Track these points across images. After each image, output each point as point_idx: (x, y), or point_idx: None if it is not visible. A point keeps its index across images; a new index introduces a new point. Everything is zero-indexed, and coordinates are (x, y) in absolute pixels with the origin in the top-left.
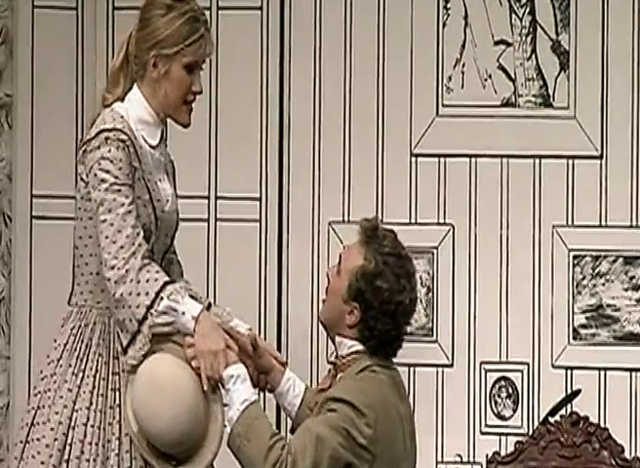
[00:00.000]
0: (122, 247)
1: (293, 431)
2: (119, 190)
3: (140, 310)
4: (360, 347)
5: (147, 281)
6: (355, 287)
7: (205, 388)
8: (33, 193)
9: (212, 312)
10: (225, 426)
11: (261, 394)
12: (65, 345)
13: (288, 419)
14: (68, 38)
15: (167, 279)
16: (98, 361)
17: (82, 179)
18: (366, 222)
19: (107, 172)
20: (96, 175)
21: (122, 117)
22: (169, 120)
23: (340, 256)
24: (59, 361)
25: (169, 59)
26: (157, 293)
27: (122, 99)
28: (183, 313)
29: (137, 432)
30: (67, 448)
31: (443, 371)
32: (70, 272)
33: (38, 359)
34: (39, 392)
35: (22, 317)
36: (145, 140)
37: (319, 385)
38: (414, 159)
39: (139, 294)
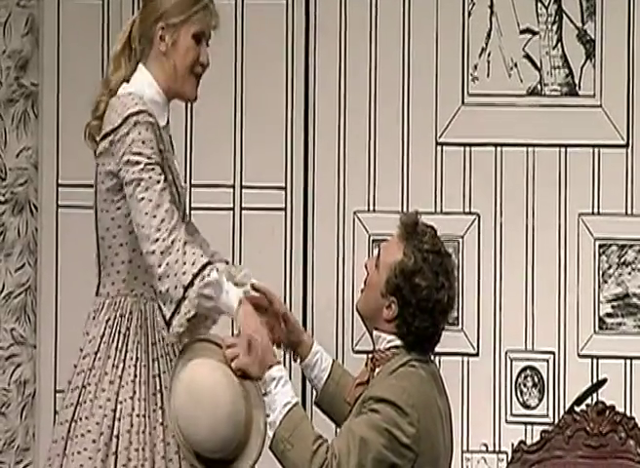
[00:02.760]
0: (163, 220)
1: (317, 404)
2: (153, 169)
3: (187, 277)
4: (398, 342)
5: (194, 254)
6: (393, 282)
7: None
8: (59, 182)
9: (228, 270)
10: (267, 430)
11: (287, 365)
12: (102, 337)
13: (313, 390)
14: (94, 27)
15: (209, 259)
16: (137, 349)
17: (111, 172)
18: (406, 217)
19: (140, 154)
20: (129, 160)
21: (141, 98)
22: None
23: (379, 249)
24: (96, 354)
25: (176, 29)
26: (204, 265)
27: (127, 81)
28: (227, 292)
29: (182, 438)
30: (114, 440)
31: (468, 361)
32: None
33: (64, 348)
34: (77, 387)
35: (48, 306)
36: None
37: (357, 378)
38: (439, 148)
39: (184, 263)
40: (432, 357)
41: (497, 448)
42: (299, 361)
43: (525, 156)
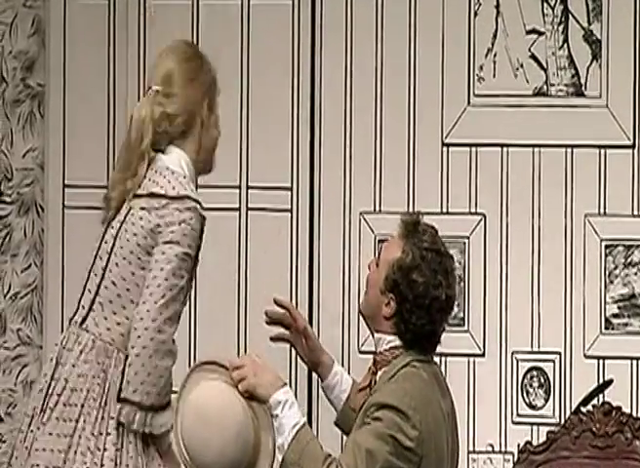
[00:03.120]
0: (169, 319)
1: (337, 424)
2: (186, 260)
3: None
4: (398, 342)
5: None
6: (391, 278)
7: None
8: (65, 183)
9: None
10: (276, 453)
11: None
12: (94, 378)
13: (320, 406)
14: (100, 28)
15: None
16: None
17: (151, 231)
18: (407, 216)
19: (185, 235)
20: (172, 240)
21: (191, 182)
22: None
23: (381, 248)
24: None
25: (214, 103)
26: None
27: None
28: None
29: (189, 461)
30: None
31: (475, 361)
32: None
33: None
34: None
35: (54, 306)
36: None
37: (360, 383)
38: (445, 148)
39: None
40: (436, 358)
41: (503, 449)
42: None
43: (531, 156)
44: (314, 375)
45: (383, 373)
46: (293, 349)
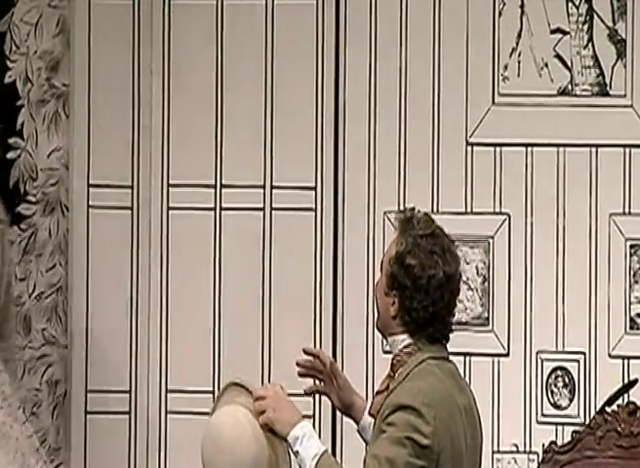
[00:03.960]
0: None
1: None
2: None
3: None
4: (409, 340)
5: None
6: (390, 273)
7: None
8: (90, 182)
9: None
10: None
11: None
12: None
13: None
14: (125, 28)
15: None
16: None
17: None
18: (400, 214)
19: None
20: None
21: None
22: None
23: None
24: None
25: None
26: None
27: None
28: None
29: None
30: None
31: (499, 361)
32: (128, 261)
33: (95, 348)
34: None
35: (79, 306)
36: None
37: (378, 387)
38: (469, 148)
39: None
40: (460, 357)
41: (527, 449)
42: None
43: (555, 156)
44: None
45: (399, 375)
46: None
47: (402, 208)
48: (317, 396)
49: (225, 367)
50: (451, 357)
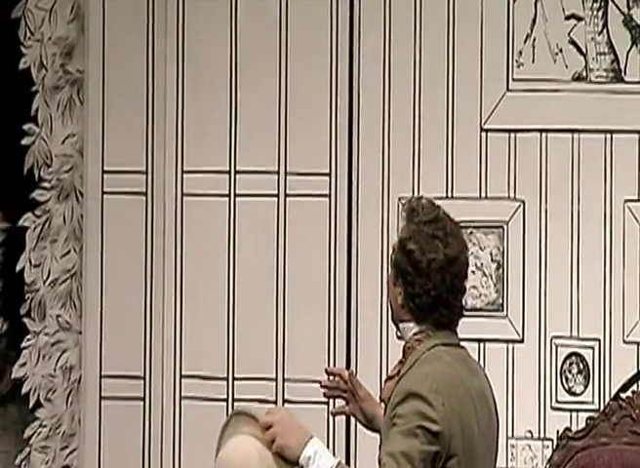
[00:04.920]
0: None
1: None
2: None
3: None
4: (418, 327)
5: None
6: (394, 261)
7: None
8: (104, 168)
9: None
10: None
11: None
12: None
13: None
14: (139, 13)
15: None
16: None
17: None
18: (406, 204)
19: None
20: None
21: None
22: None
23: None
24: None
25: None
26: None
27: None
28: None
29: None
30: None
31: (513, 347)
32: (142, 247)
33: (109, 333)
34: None
35: (94, 292)
36: None
37: (389, 373)
38: (484, 134)
39: None
40: (475, 343)
41: (542, 435)
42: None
43: (570, 142)
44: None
45: (408, 362)
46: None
47: (413, 195)
48: (332, 400)
49: (239, 352)
50: (465, 343)
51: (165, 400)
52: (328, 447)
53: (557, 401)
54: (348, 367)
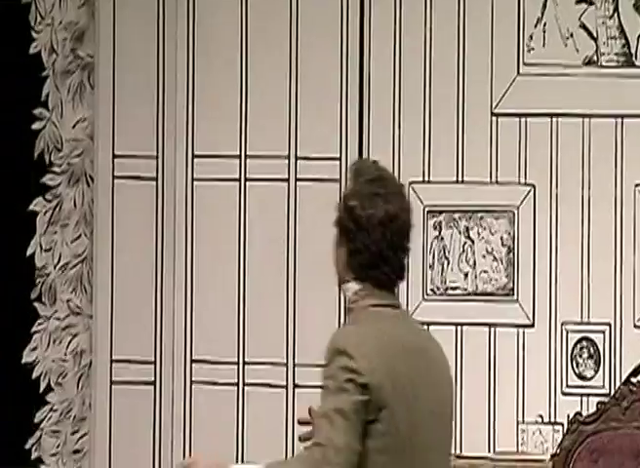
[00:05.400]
0: None
1: None
2: None
3: None
4: (357, 286)
5: None
6: (337, 220)
7: None
8: (115, 153)
9: None
10: None
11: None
12: None
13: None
14: None
15: None
16: None
17: None
18: (352, 165)
19: None
20: None
21: None
22: None
23: None
24: None
25: None
26: None
27: None
28: None
29: None
30: None
31: (524, 332)
32: (153, 230)
33: (120, 318)
34: None
35: (105, 276)
36: None
37: None
38: (494, 118)
39: None
40: (485, 328)
41: (552, 420)
42: None
43: (581, 127)
44: None
45: (347, 322)
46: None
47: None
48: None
49: (250, 337)
50: (475, 327)
51: (175, 384)
52: None
53: (568, 385)
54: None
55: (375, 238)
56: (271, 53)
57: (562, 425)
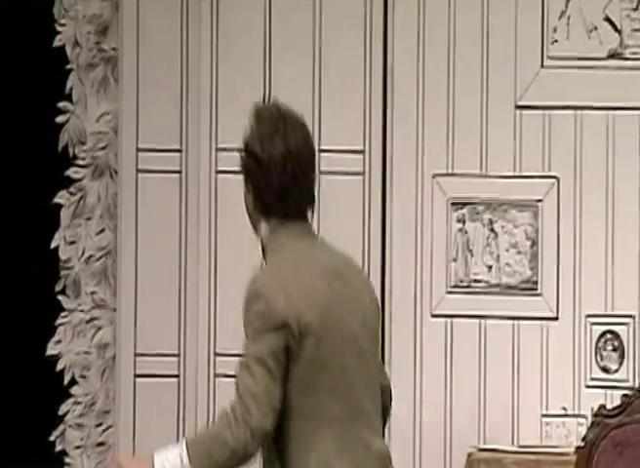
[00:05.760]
0: None
1: None
2: None
3: None
4: (268, 226)
5: None
6: (241, 165)
7: None
8: (139, 146)
9: None
10: None
11: None
12: None
13: None
14: None
15: None
16: None
17: None
18: (253, 109)
19: None
20: None
21: None
22: None
23: None
24: None
25: None
26: None
27: None
28: None
29: None
30: None
31: (548, 325)
32: (176, 224)
33: (144, 311)
34: None
35: (128, 270)
36: None
37: None
38: (518, 111)
39: None
40: (509, 321)
41: (576, 413)
42: None
43: (605, 119)
44: None
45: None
46: None
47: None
48: None
49: None
50: (499, 321)
51: (199, 377)
52: None
53: (592, 378)
54: (383, 340)
55: (277, 174)
56: (295, 45)
57: (586, 418)
